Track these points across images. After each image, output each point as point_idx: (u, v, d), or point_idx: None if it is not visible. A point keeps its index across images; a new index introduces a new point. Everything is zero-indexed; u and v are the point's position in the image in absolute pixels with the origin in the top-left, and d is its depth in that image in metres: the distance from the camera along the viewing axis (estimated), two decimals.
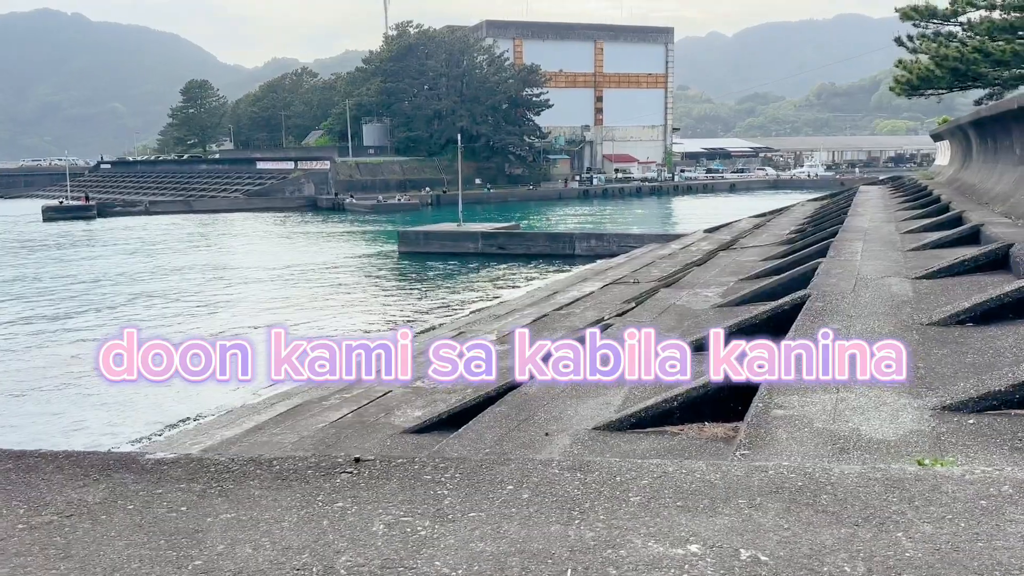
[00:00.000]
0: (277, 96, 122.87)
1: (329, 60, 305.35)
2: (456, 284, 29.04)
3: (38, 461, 3.26)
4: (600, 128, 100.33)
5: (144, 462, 3.19)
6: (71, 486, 2.95)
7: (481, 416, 5.73)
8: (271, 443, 8.95)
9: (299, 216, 66.49)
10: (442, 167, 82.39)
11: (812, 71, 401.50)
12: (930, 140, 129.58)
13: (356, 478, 2.87)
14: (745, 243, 15.84)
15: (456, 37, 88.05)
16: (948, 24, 21.16)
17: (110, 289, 29.39)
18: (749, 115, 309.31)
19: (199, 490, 2.85)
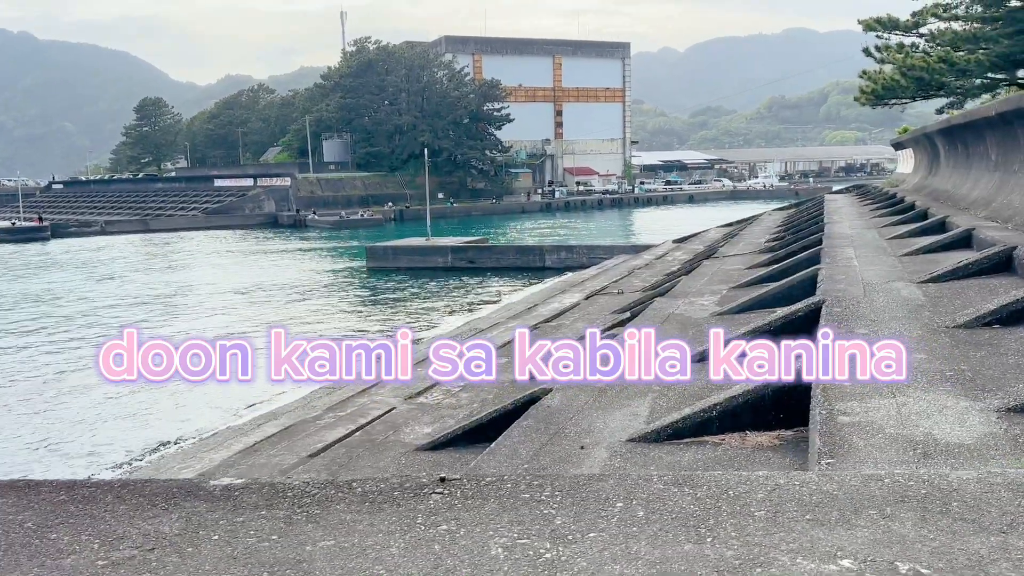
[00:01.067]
0: (233, 113, 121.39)
1: (284, 76, 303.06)
2: (429, 299, 28.82)
3: (93, 491, 3.07)
4: (560, 142, 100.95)
5: (211, 488, 3.02)
6: (140, 517, 2.78)
7: (510, 431, 5.60)
8: (270, 465, 8.70)
9: (260, 233, 65.59)
10: (404, 182, 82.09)
11: (762, 84, 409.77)
12: (880, 150, 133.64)
13: (449, 499, 2.74)
14: (725, 252, 15.94)
15: (415, 53, 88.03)
16: (910, 35, 21.68)
17: (72, 311, 28.59)
18: (702, 128, 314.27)
19: (283, 516, 2.70)
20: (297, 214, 72.07)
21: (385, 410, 8.67)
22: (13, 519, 2.82)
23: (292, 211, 73.75)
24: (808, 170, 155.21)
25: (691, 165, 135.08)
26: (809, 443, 4.33)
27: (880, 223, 14.52)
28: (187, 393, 16.08)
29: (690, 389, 6.23)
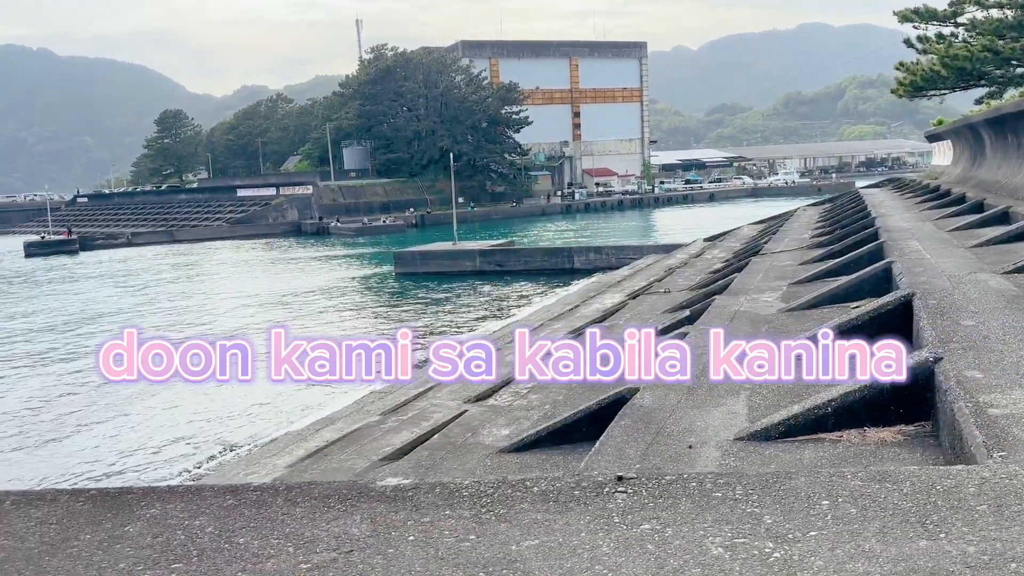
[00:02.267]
0: (252, 123, 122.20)
1: (299, 86, 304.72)
2: (462, 303, 28.81)
3: (260, 495, 3.05)
4: (579, 143, 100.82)
5: (382, 489, 2.99)
6: (322, 519, 2.74)
7: (610, 431, 5.54)
8: (343, 468, 8.69)
9: (285, 242, 65.95)
10: (424, 187, 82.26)
11: (777, 80, 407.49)
12: (900, 144, 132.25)
13: (636, 498, 2.68)
14: (771, 249, 15.79)
15: (433, 58, 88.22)
16: (947, 25, 21.43)
17: (108, 323, 28.81)
18: (718, 126, 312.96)
19: (471, 516, 2.65)
20: (320, 222, 72.38)
21: (456, 413, 8.63)
22: (191, 523, 2.80)
23: (315, 219, 74.08)
24: (828, 166, 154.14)
25: (710, 163, 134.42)
26: (944, 437, 4.23)
27: (933, 215, 14.32)
28: (230, 398, 16.15)
29: (784, 387, 6.14)
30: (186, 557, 2.54)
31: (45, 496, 3.25)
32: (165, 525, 2.82)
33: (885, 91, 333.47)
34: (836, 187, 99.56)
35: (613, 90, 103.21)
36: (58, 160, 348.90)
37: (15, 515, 3.05)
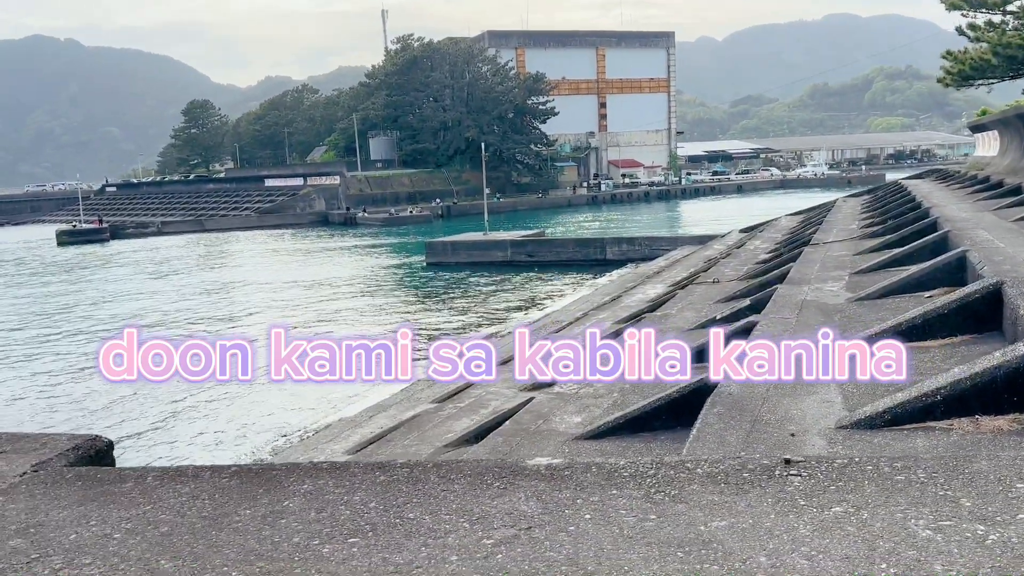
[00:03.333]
0: (279, 113, 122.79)
1: (323, 77, 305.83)
2: (495, 292, 28.78)
3: (411, 472, 3.02)
4: (605, 134, 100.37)
5: (535, 468, 2.94)
6: (485, 496, 2.71)
7: (704, 418, 5.47)
8: (408, 454, 8.69)
9: (313, 232, 66.26)
10: (451, 178, 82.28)
11: (804, 71, 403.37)
12: (929, 135, 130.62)
13: (812, 481, 2.62)
14: (821, 239, 15.60)
15: (459, 48, 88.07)
16: (995, 13, 21.04)
17: (149, 307, 29.09)
18: (743, 118, 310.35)
19: (641, 496, 2.61)
20: (347, 212, 72.65)
21: (522, 400, 8.59)
22: (351, 499, 2.77)
23: (342, 209, 74.35)
24: (856, 158, 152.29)
25: (736, 155, 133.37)
26: None
27: (991, 206, 14.08)
28: (266, 391, 16.23)
29: None
30: (360, 532, 2.51)
31: (186, 472, 3.25)
32: (324, 500, 2.79)
33: (914, 82, 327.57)
34: (866, 179, 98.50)
35: (640, 80, 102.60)
36: (84, 150, 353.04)
37: (162, 490, 3.04)
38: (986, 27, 19.53)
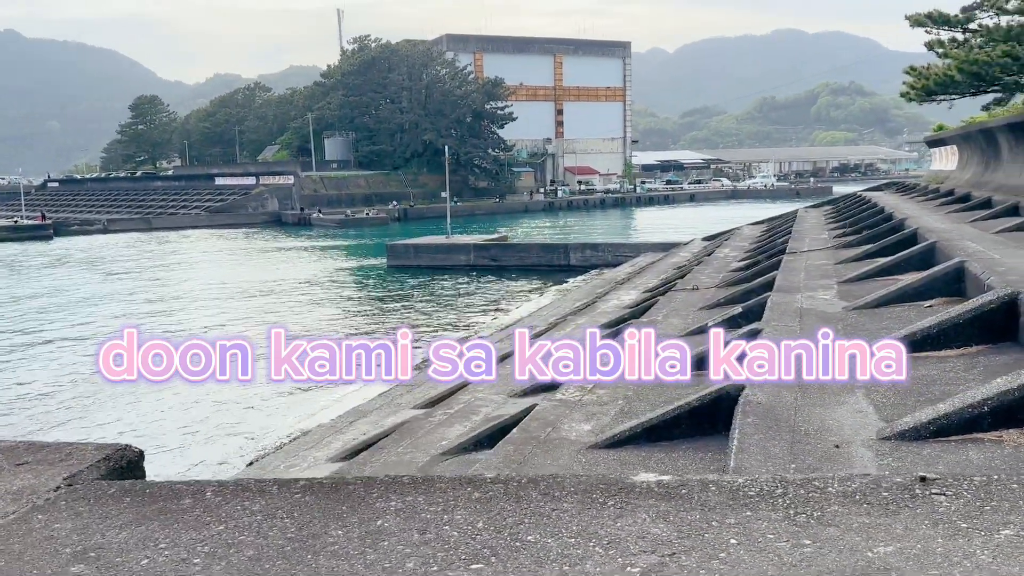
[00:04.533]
0: (229, 111, 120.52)
1: (274, 75, 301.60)
2: (461, 297, 28.49)
3: (507, 487, 2.77)
4: (561, 141, 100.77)
5: (644, 485, 2.72)
6: (603, 516, 2.49)
7: (742, 429, 5.32)
8: (403, 462, 8.41)
9: (266, 232, 65.03)
10: (407, 181, 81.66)
11: (752, 85, 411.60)
12: (873, 150, 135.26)
13: (961, 500, 2.45)
14: (798, 248, 15.71)
15: (417, 51, 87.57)
16: (957, 31, 21.55)
17: (90, 312, 28.09)
18: (693, 128, 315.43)
19: (781, 517, 2.41)
20: (301, 212, 71.55)
21: (527, 406, 8.36)
22: (451, 518, 2.52)
23: (296, 210, 73.20)
24: (802, 170, 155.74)
25: (688, 165, 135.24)
26: None
27: (965, 218, 14.32)
28: (234, 394, 15.73)
29: (901, 386, 5.97)
30: (480, 557, 2.27)
31: (248, 486, 2.96)
32: (423, 520, 2.54)
33: (857, 98, 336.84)
34: (814, 191, 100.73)
35: (596, 89, 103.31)
36: (24, 145, 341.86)
37: (229, 508, 2.75)
38: (950, 43, 19.99)
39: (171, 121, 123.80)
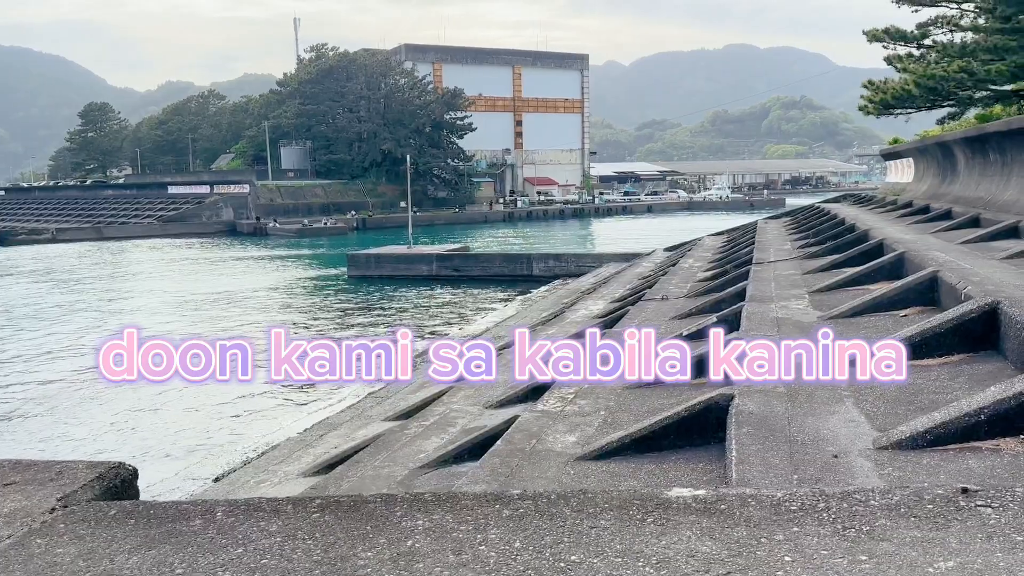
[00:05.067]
0: (183, 119, 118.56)
1: (227, 83, 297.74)
2: (424, 307, 28.26)
3: (536, 504, 2.67)
4: (521, 152, 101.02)
5: (679, 500, 2.64)
6: (645, 534, 2.41)
7: (738, 439, 5.28)
8: (381, 476, 8.24)
9: (221, 241, 63.94)
10: (366, 190, 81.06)
11: (705, 98, 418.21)
12: (823, 163, 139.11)
13: (1009, 513, 2.41)
14: (765, 258, 15.87)
15: (376, 60, 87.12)
16: (911, 46, 22.10)
17: (46, 324, 27.25)
18: (648, 141, 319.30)
19: (830, 533, 2.35)
20: (257, 222, 70.52)
21: (508, 418, 8.24)
22: (486, 537, 2.41)
23: (251, 219, 72.13)
24: (756, 182, 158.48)
25: (644, 176, 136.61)
26: None
27: (928, 229, 14.61)
28: (195, 401, 15.35)
29: (889, 395, 6.00)
30: None
31: (260, 506, 2.81)
32: (454, 539, 2.42)
33: (807, 112, 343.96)
34: (768, 203, 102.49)
35: (555, 100, 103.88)
36: None
37: (244, 529, 2.60)
38: (907, 59, 20.48)
39: (122, 129, 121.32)
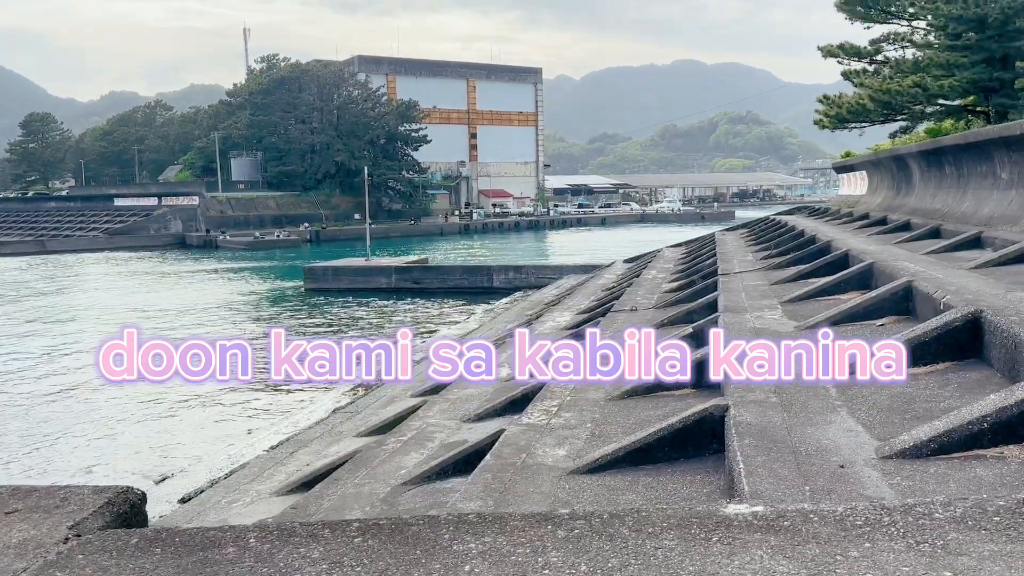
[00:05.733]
0: (128, 130, 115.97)
1: (173, 94, 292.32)
2: (384, 320, 27.94)
3: (589, 523, 2.56)
4: (475, 164, 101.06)
5: (736, 517, 2.56)
6: (714, 552, 2.31)
7: (742, 450, 5.23)
8: (363, 495, 8.02)
9: (170, 255, 62.53)
10: (319, 202, 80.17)
11: (655, 113, 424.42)
12: (769, 176, 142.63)
13: None
14: (731, 269, 16.01)
15: (329, 71, 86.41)
16: (864, 61, 22.66)
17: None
18: (599, 154, 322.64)
19: (904, 547, 2.28)
20: (207, 234, 69.20)
21: (493, 432, 8.11)
22: (547, 561, 2.29)
23: (202, 231, 70.77)
24: (705, 195, 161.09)
25: (597, 189, 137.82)
26: None
27: (888, 240, 14.89)
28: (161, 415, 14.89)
29: (880, 402, 6.04)
30: None
31: (295, 531, 2.65)
32: (514, 563, 2.30)
33: (753, 127, 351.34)
34: (718, 215, 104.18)
35: (510, 113, 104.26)
36: None
37: (283, 556, 2.44)
38: (863, 73, 20.99)
39: (65, 139, 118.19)
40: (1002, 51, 17.17)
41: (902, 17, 21.30)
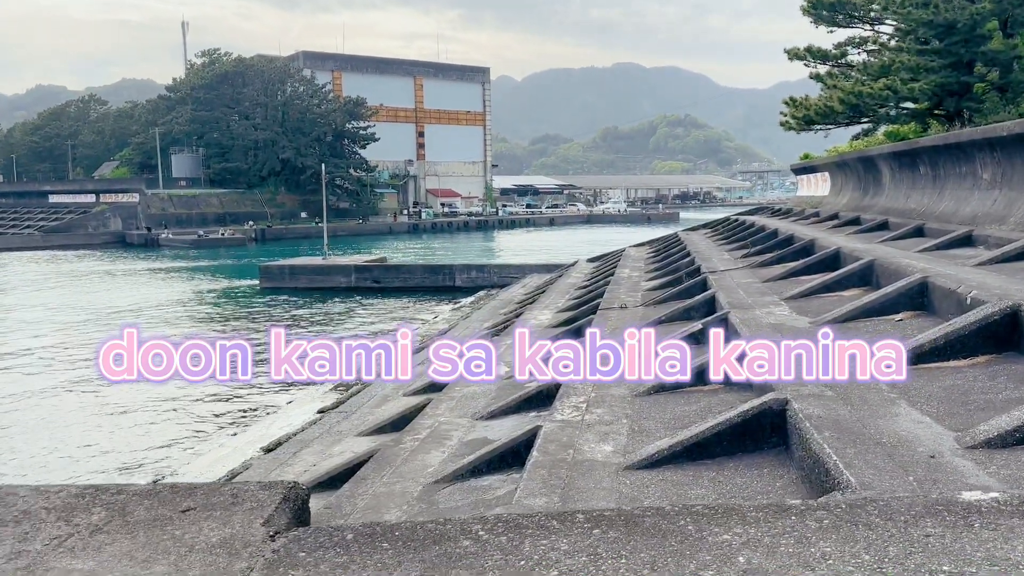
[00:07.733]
0: (60, 124, 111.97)
1: (104, 88, 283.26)
2: (345, 320, 27.48)
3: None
4: (423, 163, 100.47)
5: (968, 503, 2.50)
6: (957, 535, 2.24)
7: (828, 441, 5.22)
8: (395, 493, 7.82)
9: (110, 253, 60.51)
10: (264, 200, 78.61)
11: (596, 114, 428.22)
12: (709, 179, 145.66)
13: None
14: (716, 267, 16.17)
15: (273, 67, 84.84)
16: (828, 64, 23.20)
17: None
18: (542, 155, 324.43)
19: None
20: (148, 233, 67.24)
21: (532, 427, 7.98)
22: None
23: (142, 229, 68.72)
24: (647, 197, 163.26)
25: (543, 190, 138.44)
26: None
27: (871, 239, 15.19)
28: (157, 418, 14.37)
29: (935, 393, 6.11)
30: None
31: (521, 524, 2.50)
32: (785, 554, 2.20)
33: (692, 130, 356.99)
34: (663, 216, 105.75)
35: (457, 112, 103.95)
36: None
37: (528, 548, 2.31)
38: (830, 76, 21.48)
39: None
40: (969, 56, 17.77)
41: (866, 21, 21.86)
